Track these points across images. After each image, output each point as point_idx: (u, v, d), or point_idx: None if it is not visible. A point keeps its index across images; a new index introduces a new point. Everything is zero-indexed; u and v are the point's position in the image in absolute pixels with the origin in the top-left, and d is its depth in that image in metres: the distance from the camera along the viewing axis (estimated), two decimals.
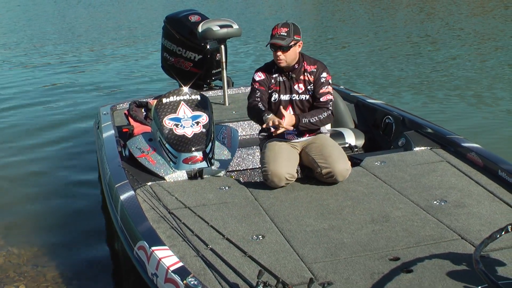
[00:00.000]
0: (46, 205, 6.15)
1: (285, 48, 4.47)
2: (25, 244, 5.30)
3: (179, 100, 5.17)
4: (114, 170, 4.66)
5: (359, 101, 6.39)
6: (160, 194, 4.33)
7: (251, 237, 3.67)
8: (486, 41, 14.82)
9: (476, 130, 7.93)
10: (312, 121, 4.52)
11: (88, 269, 4.85)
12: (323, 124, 4.63)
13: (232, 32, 6.90)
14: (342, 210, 4.02)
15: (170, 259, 3.20)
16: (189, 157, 4.76)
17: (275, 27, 4.52)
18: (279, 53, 4.47)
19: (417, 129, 5.39)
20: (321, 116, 4.55)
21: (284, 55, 4.48)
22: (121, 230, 3.97)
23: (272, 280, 2.99)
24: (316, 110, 4.57)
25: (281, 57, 4.48)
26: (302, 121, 4.48)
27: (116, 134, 5.50)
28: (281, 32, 4.46)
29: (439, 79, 11.19)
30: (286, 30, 4.47)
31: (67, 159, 7.49)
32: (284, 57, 4.48)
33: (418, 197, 4.18)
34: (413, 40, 15.61)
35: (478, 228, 3.66)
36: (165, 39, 7.75)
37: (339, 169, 4.38)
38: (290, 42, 4.45)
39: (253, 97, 4.61)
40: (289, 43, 4.45)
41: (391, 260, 3.32)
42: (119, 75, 12.91)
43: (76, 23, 22.16)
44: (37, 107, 10.28)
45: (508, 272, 3.11)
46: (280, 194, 4.33)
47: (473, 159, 4.69)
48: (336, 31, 17.85)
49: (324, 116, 4.56)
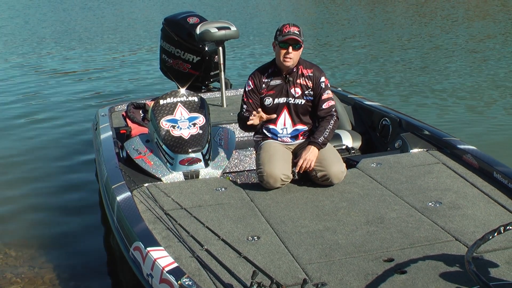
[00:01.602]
0: (43, 206, 6.15)
1: (299, 46, 4.48)
2: (22, 245, 5.30)
3: (176, 101, 5.18)
4: (111, 171, 4.67)
5: (356, 103, 6.41)
6: (156, 195, 4.34)
7: (247, 238, 3.69)
8: (482, 44, 14.83)
9: (472, 132, 7.95)
10: (326, 136, 4.55)
11: (85, 270, 4.86)
12: (333, 132, 4.65)
13: (230, 34, 6.91)
14: (337, 211, 4.04)
15: (165, 260, 3.22)
16: (186, 159, 4.78)
17: (286, 25, 4.51)
18: (291, 51, 4.47)
19: (413, 131, 5.41)
20: (330, 126, 4.58)
21: (294, 53, 4.48)
22: (117, 230, 3.98)
23: (266, 281, 3.01)
24: (321, 124, 4.60)
25: (291, 55, 4.48)
26: (321, 142, 4.51)
27: (114, 136, 5.51)
28: (294, 30, 4.47)
29: (435, 81, 11.21)
30: (298, 29, 4.49)
31: (65, 161, 7.49)
32: (293, 55, 4.49)
33: (413, 198, 4.19)
34: (410, 43, 15.64)
35: (472, 230, 3.68)
36: (163, 41, 7.77)
37: (334, 171, 4.40)
38: (302, 41, 4.48)
39: (241, 111, 4.69)
40: (302, 42, 4.48)
41: (385, 261, 3.34)
42: (117, 77, 12.92)
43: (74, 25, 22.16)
44: (34, 108, 10.29)
45: (500, 273, 3.12)
46: (276, 196, 4.35)
47: (469, 161, 4.71)
48: (333, 34, 17.88)
49: (332, 124, 4.59)
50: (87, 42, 17.95)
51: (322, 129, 4.56)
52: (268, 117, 4.54)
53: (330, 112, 4.62)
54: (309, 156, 4.44)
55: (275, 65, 4.65)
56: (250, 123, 4.52)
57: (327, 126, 4.57)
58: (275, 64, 4.65)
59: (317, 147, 4.50)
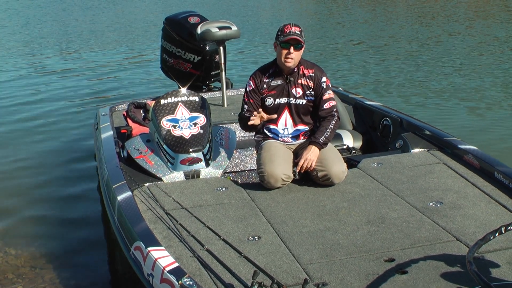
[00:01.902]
0: (43, 206, 6.15)
1: (300, 45, 4.48)
2: (23, 245, 5.30)
3: (177, 101, 5.18)
4: (112, 170, 4.67)
5: (357, 102, 6.41)
6: (157, 195, 4.34)
7: (247, 238, 3.68)
8: (484, 44, 14.82)
9: (473, 132, 7.95)
10: (327, 136, 4.54)
11: (86, 270, 4.86)
12: (335, 131, 4.65)
13: (231, 33, 6.91)
14: (338, 211, 4.04)
15: (166, 260, 3.22)
16: (187, 158, 4.78)
17: (287, 25, 4.50)
18: (293, 51, 4.46)
19: (414, 131, 5.40)
20: (331, 126, 4.57)
21: (295, 53, 4.48)
22: (118, 230, 3.98)
23: (267, 281, 3.01)
24: (322, 124, 4.59)
25: (292, 55, 4.47)
26: (322, 142, 4.50)
27: (115, 135, 5.52)
28: (295, 30, 4.46)
29: (437, 81, 11.20)
30: (299, 29, 4.49)
31: (65, 160, 7.49)
32: (295, 55, 4.48)
33: (414, 198, 4.19)
34: (412, 42, 15.63)
35: (473, 230, 3.68)
36: (164, 41, 7.77)
37: (335, 171, 4.39)
38: (304, 41, 4.48)
39: (242, 111, 4.69)
40: (304, 42, 4.48)
41: (386, 262, 3.33)
42: (118, 76, 12.92)
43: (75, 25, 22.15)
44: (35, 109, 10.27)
45: (501, 274, 3.12)
46: (277, 195, 4.34)
47: (469, 161, 4.71)
48: (334, 33, 17.88)
49: (333, 124, 4.59)
50: (87, 41, 17.94)
51: (323, 129, 4.56)
52: (269, 117, 4.54)
53: (331, 112, 4.61)
54: (310, 156, 4.44)
55: (276, 65, 4.65)
56: (251, 123, 4.51)
57: (328, 126, 4.56)
58: (276, 64, 4.65)
59: (318, 147, 4.50)
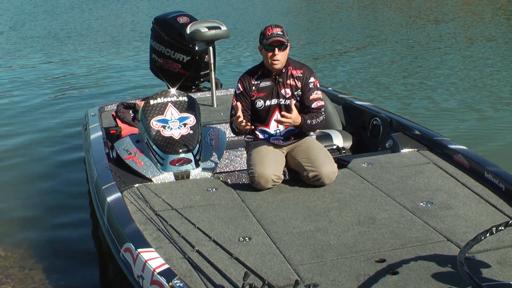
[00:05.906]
0: (32, 206, 6.12)
1: (285, 46, 4.46)
2: (12, 246, 5.27)
3: (166, 101, 5.16)
4: (101, 171, 4.64)
5: (347, 102, 6.41)
6: (147, 196, 4.32)
7: (238, 239, 3.67)
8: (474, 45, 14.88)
9: (463, 132, 7.97)
10: (313, 123, 4.51)
11: (75, 272, 4.84)
12: (318, 127, 4.64)
13: (221, 33, 6.89)
14: (329, 212, 4.03)
15: (156, 261, 3.20)
16: (176, 159, 4.76)
17: (268, 28, 4.50)
18: (277, 52, 4.45)
19: (404, 131, 5.41)
20: (318, 120, 4.55)
21: (280, 54, 4.46)
22: (108, 231, 3.95)
23: (258, 282, 2.99)
24: (312, 113, 4.56)
25: (278, 56, 4.46)
26: (307, 122, 4.47)
27: (104, 136, 5.48)
28: (277, 31, 4.45)
29: (428, 81, 11.23)
30: (280, 30, 4.48)
31: (54, 161, 7.45)
32: (280, 56, 4.47)
33: (405, 199, 4.19)
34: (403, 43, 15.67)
35: (464, 230, 3.68)
36: (153, 41, 7.74)
37: (325, 172, 4.39)
38: (287, 40, 4.47)
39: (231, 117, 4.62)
40: (287, 41, 4.46)
41: (377, 262, 3.33)
42: (107, 76, 12.85)
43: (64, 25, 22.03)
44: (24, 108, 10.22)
45: (492, 274, 3.13)
46: (267, 196, 4.33)
47: (459, 161, 4.72)
48: (325, 34, 17.88)
49: (320, 120, 4.57)
50: (76, 42, 17.83)
51: (312, 116, 4.53)
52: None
53: (320, 111, 4.60)
54: (292, 117, 4.35)
55: (264, 67, 4.63)
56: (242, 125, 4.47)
57: (316, 118, 4.53)
58: (264, 66, 4.63)
59: (303, 121, 4.44)
